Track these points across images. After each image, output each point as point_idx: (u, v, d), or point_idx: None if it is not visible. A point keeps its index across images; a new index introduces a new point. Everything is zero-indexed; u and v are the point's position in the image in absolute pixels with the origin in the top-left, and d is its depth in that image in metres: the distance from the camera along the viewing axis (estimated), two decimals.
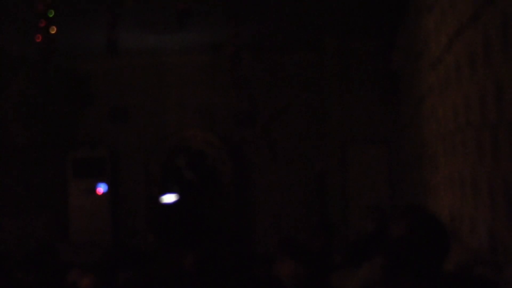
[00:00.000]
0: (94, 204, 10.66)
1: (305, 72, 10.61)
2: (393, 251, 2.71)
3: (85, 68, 11.01)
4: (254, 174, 10.79)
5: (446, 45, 4.55)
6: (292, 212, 10.48)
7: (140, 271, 5.17)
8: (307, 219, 10.24)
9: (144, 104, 11.02)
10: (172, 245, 9.50)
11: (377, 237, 4.55)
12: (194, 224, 10.36)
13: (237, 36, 7.72)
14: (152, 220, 10.61)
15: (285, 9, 8.10)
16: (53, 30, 5.34)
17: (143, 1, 7.25)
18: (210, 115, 10.84)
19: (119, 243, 10.64)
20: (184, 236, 9.96)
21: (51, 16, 5.30)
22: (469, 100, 3.80)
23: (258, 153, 10.75)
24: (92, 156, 10.76)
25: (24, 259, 5.80)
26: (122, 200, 10.98)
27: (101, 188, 10.70)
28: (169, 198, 10.62)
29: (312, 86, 10.53)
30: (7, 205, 9.32)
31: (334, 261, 6.10)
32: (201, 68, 10.92)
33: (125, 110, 11.08)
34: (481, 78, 3.47)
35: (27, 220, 9.57)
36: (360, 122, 9.68)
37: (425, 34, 5.75)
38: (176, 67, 11.01)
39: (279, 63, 10.71)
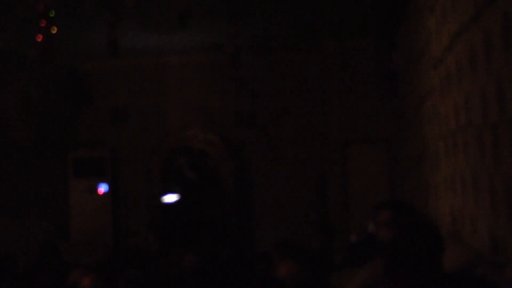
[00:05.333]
0: (94, 204, 10.65)
1: (306, 72, 10.61)
2: (389, 252, 2.72)
3: (85, 68, 11.01)
4: (254, 174, 10.78)
5: (447, 45, 4.55)
6: (292, 212, 10.47)
7: (141, 271, 5.17)
8: (307, 219, 10.24)
9: (144, 104, 11.02)
10: (173, 245, 9.51)
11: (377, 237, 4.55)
12: (194, 224, 10.36)
13: (237, 36, 7.71)
14: (153, 220, 10.61)
15: (285, 9, 8.10)
16: (54, 30, 5.34)
17: (143, 1, 7.24)
18: (210, 115, 10.84)
19: (119, 243, 10.63)
20: (184, 236, 9.96)
21: (51, 16, 5.30)
22: (470, 100, 3.80)
23: (258, 153, 10.75)
24: (93, 156, 10.75)
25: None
26: (123, 200, 10.97)
27: (102, 188, 10.69)
28: (169, 198, 10.62)
29: (313, 86, 10.52)
30: (7, 205, 9.32)
31: (334, 261, 6.10)
32: (202, 68, 10.92)
33: (126, 110, 11.07)
34: (482, 78, 3.47)
35: (27, 220, 9.56)
36: (361, 122, 9.68)
37: (426, 34, 5.75)
38: (176, 67, 11.01)
39: (280, 63, 10.70)
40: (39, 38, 5.34)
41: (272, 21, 8.64)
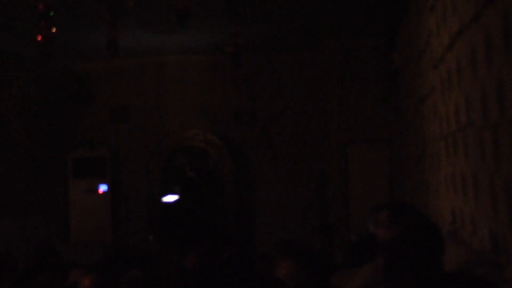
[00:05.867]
0: (94, 204, 10.65)
1: (306, 71, 10.60)
2: (390, 251, 2.71)
3: (85, 68, 11.00)
4: (254, 174, 10.78)
5: (448, 44, 4.54)
6: (292, 212, 10.46)
7: (141, 271, 5.17)
8: (307, 219, 10.23)
9: (144, 104, 11.02)
10: (173, 245, 9.51)
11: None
12: (194, 224, 10.34)
13: (237, 36, 7.71)
14: (153, 220, 10.60)
15: (285, 9, 8.09)
16: (54, 30, 5.33)
17: (143, 1, 7.24)
18: (210, 115, 10.84)
19: (119, 243, 10.63)
20: (184, 236, 9.95)
21: (51, 16, 5.29)
22: (471, 100, 3.80)
23: (258, 153, 10.74)
24: (93, 156, 10.75)
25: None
26: (123, 200, 10.97)
27: (102, 188, 10.69)
28: (170, 198, 10.61)
29: (313, 86, 10.52)
30: (7, 205, 9.32)
31: (334, 261, 6.09)
32: (202, 68, 10.92)
33: (126, 110, 11.07)
34: (482, 77, 3.47)
35: (27, 220, 9.57)
36: (361, 121, 9.67)
37: (427, 34, 5.74)
38: (176, 67, 11.01)
39: (280, 63, 10.70)
40: (39, 38, 5.33)
41: (272, 20, 8.63)
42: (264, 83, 10.69)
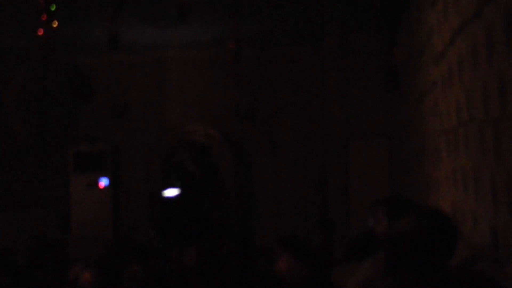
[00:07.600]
0: (95, 199, 10.66)
1: (306, 67, 10.60)
2: (395, 247, 2.70)
3: (86, 63, 10.99)
4: (255, 170, 10.78)
5: (449, 40, 4.53)
6: (293, 207, 10.47)
7: (142, 266, 5.18)
8: (308, 215, 10.24)
9: (145, 99, 11.01)
10: (173, 240, 9.52)
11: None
12: (195, 220, 10.36)
13: (238, 32, 7.70)
14: (153, 215, 10.61)
15: (286, 5, 8.08)
16: (55, 24, 5.33)
17: None
18: (211, 110, 10.83)
19: (120, 238, 10.64)
20: (185, 232, 9.97)
21: (52, 10, 5.29)
22: (472, 96, 3.79)
23: (259, 148, 10.74)
24: (93, 150, 10.75)
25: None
26: (123, 195, 10.97)
27: (102, 183, 10.69)
28: (170, 192, 10.62)
29: (314, 81, 10.51)
30: (8, 200, 9.32)
31: (335, 257, 6.10)
32: (203, 63, 10.91)
33: (126, 105, 11.06)
34: (483, 73, 3.46)
35: (27, 215, 9.57)
36: (362, 117, 9.67)
37: (428, 30, 5.73)
38: (177, 62, 11.00)
39: (280, 58, 10.69)
40: (40, 32, 5.33)
41: (273, 16, 8.62)
42: (265, 78, 10.68)
